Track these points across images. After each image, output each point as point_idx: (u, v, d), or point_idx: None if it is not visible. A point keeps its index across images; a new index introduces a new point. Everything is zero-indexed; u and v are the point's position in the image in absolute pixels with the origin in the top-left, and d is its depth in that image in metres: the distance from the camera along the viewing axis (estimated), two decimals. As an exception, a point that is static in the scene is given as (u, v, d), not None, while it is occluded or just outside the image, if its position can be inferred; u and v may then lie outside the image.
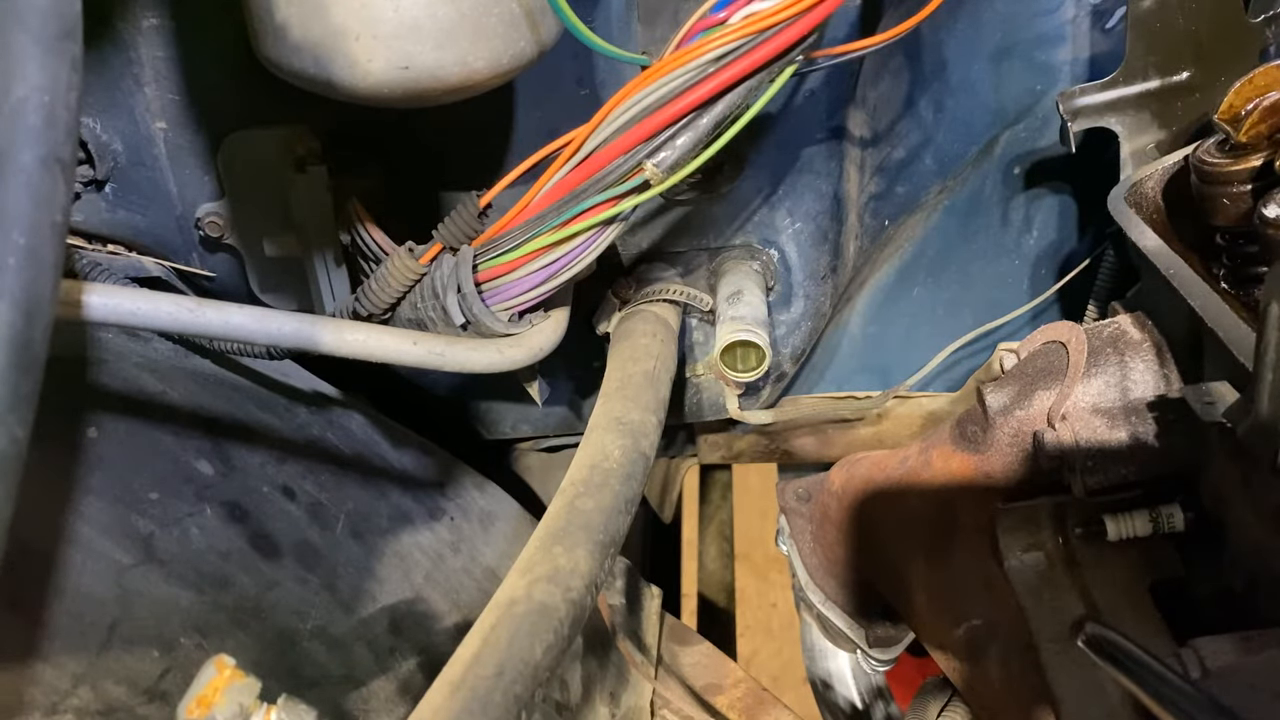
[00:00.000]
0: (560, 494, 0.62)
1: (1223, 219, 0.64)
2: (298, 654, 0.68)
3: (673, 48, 0.62)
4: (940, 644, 0.78)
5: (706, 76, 0.60)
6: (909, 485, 0.77)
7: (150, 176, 0.78)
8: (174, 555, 0.67)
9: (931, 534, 0.77)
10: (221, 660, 0.47)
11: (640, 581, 1.07)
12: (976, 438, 0.71)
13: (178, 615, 0.63)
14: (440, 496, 0.90)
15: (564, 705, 0.85)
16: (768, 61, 0.60)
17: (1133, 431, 0.64)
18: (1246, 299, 0.63)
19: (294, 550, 0.74)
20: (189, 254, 0.84)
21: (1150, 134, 0.80)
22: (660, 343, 0.81)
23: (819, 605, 0.92)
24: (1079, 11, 0.85)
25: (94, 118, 0.75)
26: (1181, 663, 0.50)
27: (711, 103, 0.61)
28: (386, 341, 0.70)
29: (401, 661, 0.74)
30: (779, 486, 0.94)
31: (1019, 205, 0.97)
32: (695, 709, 0.96)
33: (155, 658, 0.59)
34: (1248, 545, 0.59)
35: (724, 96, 0.61)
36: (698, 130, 0.62)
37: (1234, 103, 0.63)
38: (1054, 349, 0.69)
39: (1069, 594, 0.66)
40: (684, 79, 0.60)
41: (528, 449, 1.19)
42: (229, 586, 0.68)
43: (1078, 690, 0.62)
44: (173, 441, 0.73)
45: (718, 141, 0.63)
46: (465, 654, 0.49)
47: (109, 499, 0.66)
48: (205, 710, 0.46)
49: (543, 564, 0.54)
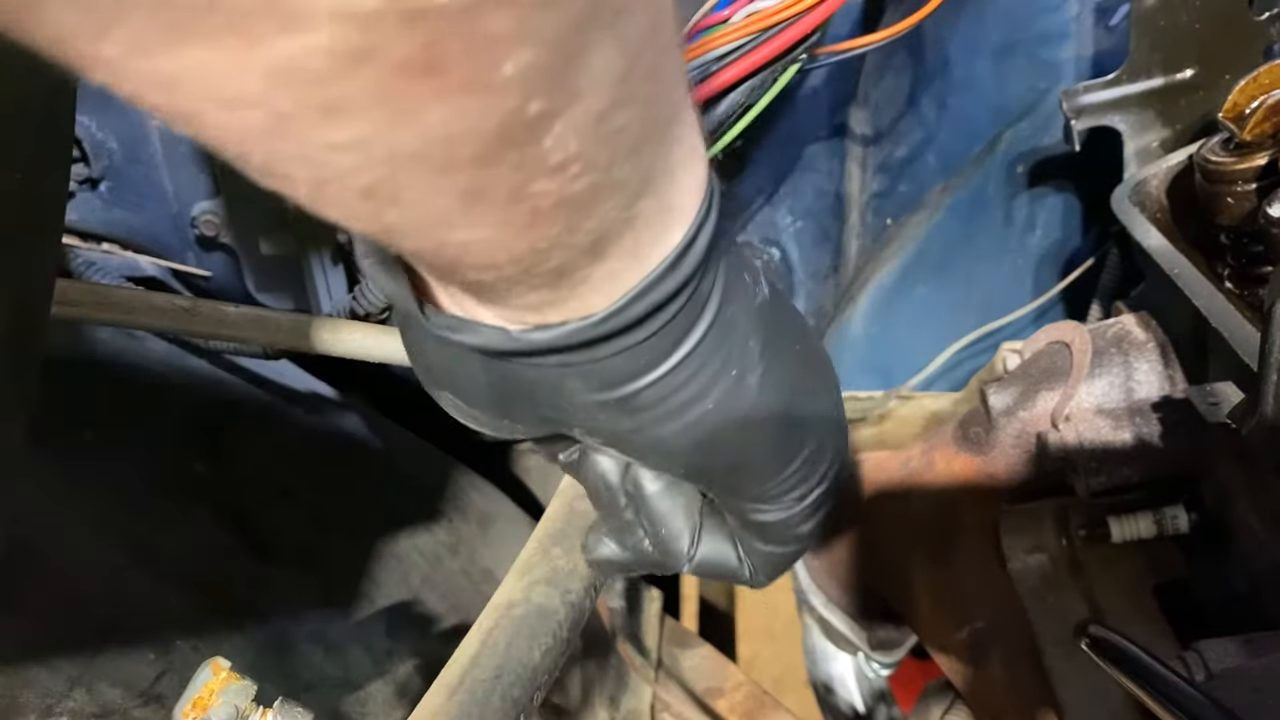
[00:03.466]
0: (559, 495, 0.61)
1: (1227, 218, 0.63)
2: (294, 656, 0.68)
3: (674, 45, 0.62)
4: (943, 646, 0.78)
5: (709, 75, 0.60)
6: (911, 486, 0.77)
7: (146, 175, 0.78)
8: (170, 557, 0.66)
9: (934, 535, 0.77)
10: (217, 663, 0.47)
11: (640, 584, 1.07)
12: (979, 438, 0.71)
13: (173, 617, 0.63)
14: (438, 498, 0.90)
15: (563, 708, 0.85)
16: (770, 60, 0.60)
17: (1137, 432, 0.63)
18: (1251, 298, 0.62)
19: (290, 552, 0.74)
20: (185, 253, 0.84)
21: (1154, 132, 0.79)
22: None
23: (821, 608, 0.91)
24: (1082, 9, 0.85)
25: (90, 115, 0.74)
26: (1185, 665, 0.50)
27: (714, 101, 0.61)
28: (383, 341, 0.69)
29: (399, 664, 0.73)
30: (780, 487, 0.94)
31: (1022, 204, 0.96)
32: (695, 712, 0.96)
33: (151, 660, 0.59)
34: (1252, 547, 0.58)
35: (727, 95, 0.61)
36: (699, 129, 0.61)
37: (1238, 101, 0.62)
38: (1058, 349, 0.69)
39: (1072, 596, 0.65)
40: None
41: (527, 450, 1.18)
42: (225, 588, 0.68)
43: (1081, 693, 0.61)
44: (168, 442, 0.72)
45: (721, 140, 0.62)
46: (463, 656, 0.49)
47: (105, 500, 0.65)
48: (201, 713, 0.46)
49: (541, 566, 0.54)
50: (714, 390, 0.39)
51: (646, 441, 0.40)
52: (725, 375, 0.39)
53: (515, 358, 0.36)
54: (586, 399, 0.38)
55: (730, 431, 0.40)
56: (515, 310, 0.34)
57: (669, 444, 0.40)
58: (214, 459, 0.74)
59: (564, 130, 0.26)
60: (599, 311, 0.34)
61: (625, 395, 0.37)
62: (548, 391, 0.38)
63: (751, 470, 0.44)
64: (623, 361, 0.36)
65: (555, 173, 0.27)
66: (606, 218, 0.31)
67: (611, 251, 0.32)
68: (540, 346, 0.35)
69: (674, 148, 0.32)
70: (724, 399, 0.39)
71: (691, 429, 0.39)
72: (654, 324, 0.35)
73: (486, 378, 0.39)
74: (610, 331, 0.35)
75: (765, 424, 0.41)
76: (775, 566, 0.51)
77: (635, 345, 0.36)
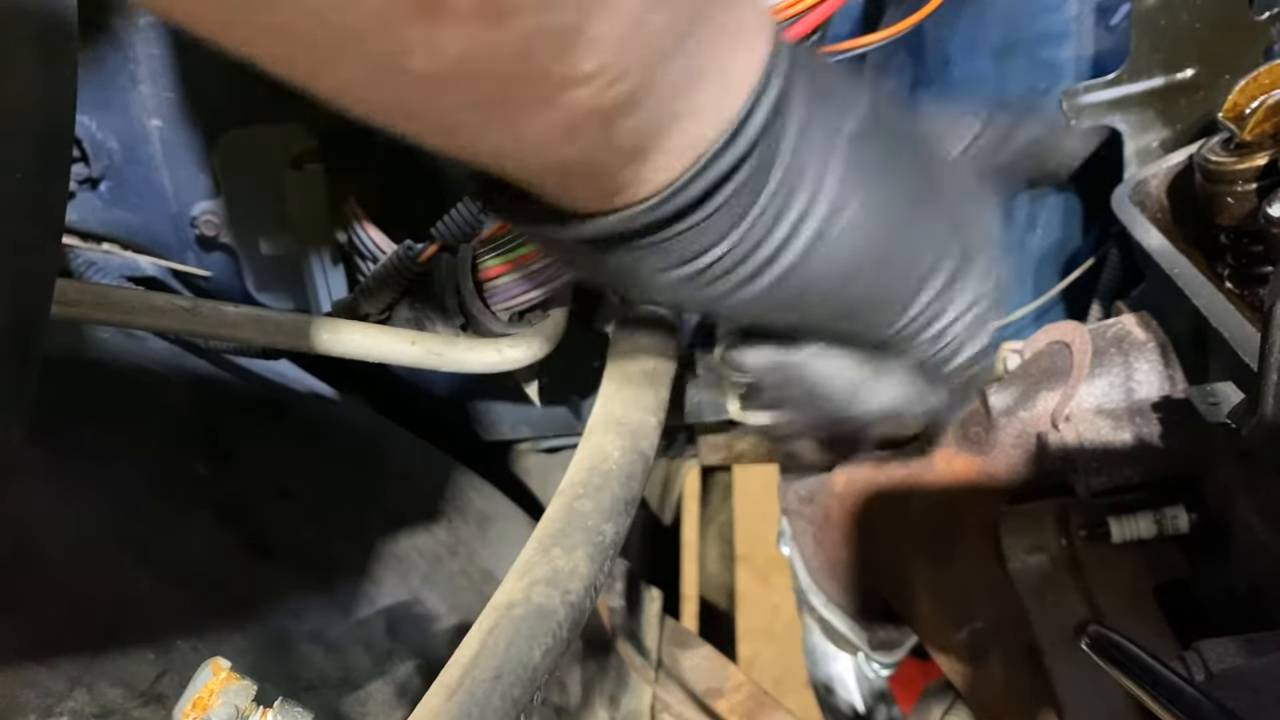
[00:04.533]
0: (559, 495, 0.61)
1: (1227, 218, 0.63)
2: (294, 657, 0.68)
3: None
4: (943, 646, 0.78)
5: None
6: (912, 487, 0.77)
7: (146, 175, 0.78)
8: (170, 557, 0.66)
9: (934, 536, 0.77)
10: (217, 663, 0.47)
11: (640, 584, 1.07)
12: (980, 439, 0.71)
13: (174, 617, 0.63)
14: (438, 498, 0.90)
15: (563, 708, 0.85)
16: (769, 59, 0.60)
17: (1137, 432, 0.63)
18: (1252, 298, 0.62)
19: (290, 552, 0.74)
20: (185, 253, 0.84)
21: (1154, 132, 0.79)
22: (660, 343, 0.81)
23: (821, 608, 0.91)
24: (1083, 9, 0.85)
25: (89, 115, 0.74)
26: (1185, 665, 0.50)
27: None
28: (384, 341, 0.69)
29: (399, 664, 0.73)
30: (781, 488, 0.94)
31: (1022, 203, 0.96)
32: (696, 712, 0.96)
33: (151, 660, 0.59)
34: (1252, 547, 0.58)
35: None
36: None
37: (1238, 101, 0.62)
38: (1058, 349, 0.69)
39: (1073, 596, 0.65)
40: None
41: (527, 450, 1.18)
42: (225, 588, 0.68)
43: (1081, 693, 0.61)
44: (168, 442, 0.72)
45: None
46: (463, 657, 0.49)
47: (104, 500, 0.65)
48: (201, 713, 0.46)
49: (541, 566, 0.54)
50: (795, 243, 0.37)
51: (737, 305, 0.39)
52: (807, 225, 0.37)
53: (592, 246, 0.36)
54: (667, 277, 0.37)
55: (829, 280, 0.38)
56: (577, 203, 0.35)
57: (763, 302, 0.39)
58: (214, 459, 0.74)
59: (596, 38, 0.26)
60: (653, 197, 0.33)
61: (701, 268, 0.37)
62: (630, 274, 0.38)
63: (870, 312, 0.41)
64: (692, 237, 0.36)
65: (588, 81, 0.27)
66: (651, 114, 0.30)
67: (661, 144, 0.32)
68: (602, 234, 0.35)
69: (722, 33, 0.32)
70: (810, 249, 0.37)
71: (780, 286, 0.38)
72: (716, 200, 0.34)
73: (601, 267, 0.39)
74: (668, 215, 0.34)
75: (869, 263, 0.39)
76: (956, 400, 0.47)
77: (701, 222, 0.35)
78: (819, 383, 0.46)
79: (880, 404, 0.47)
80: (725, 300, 0.39)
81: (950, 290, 0.42)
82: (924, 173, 0.41)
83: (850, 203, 0.37)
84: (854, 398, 0.46)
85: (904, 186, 0.39)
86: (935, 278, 0.41)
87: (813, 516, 0.90)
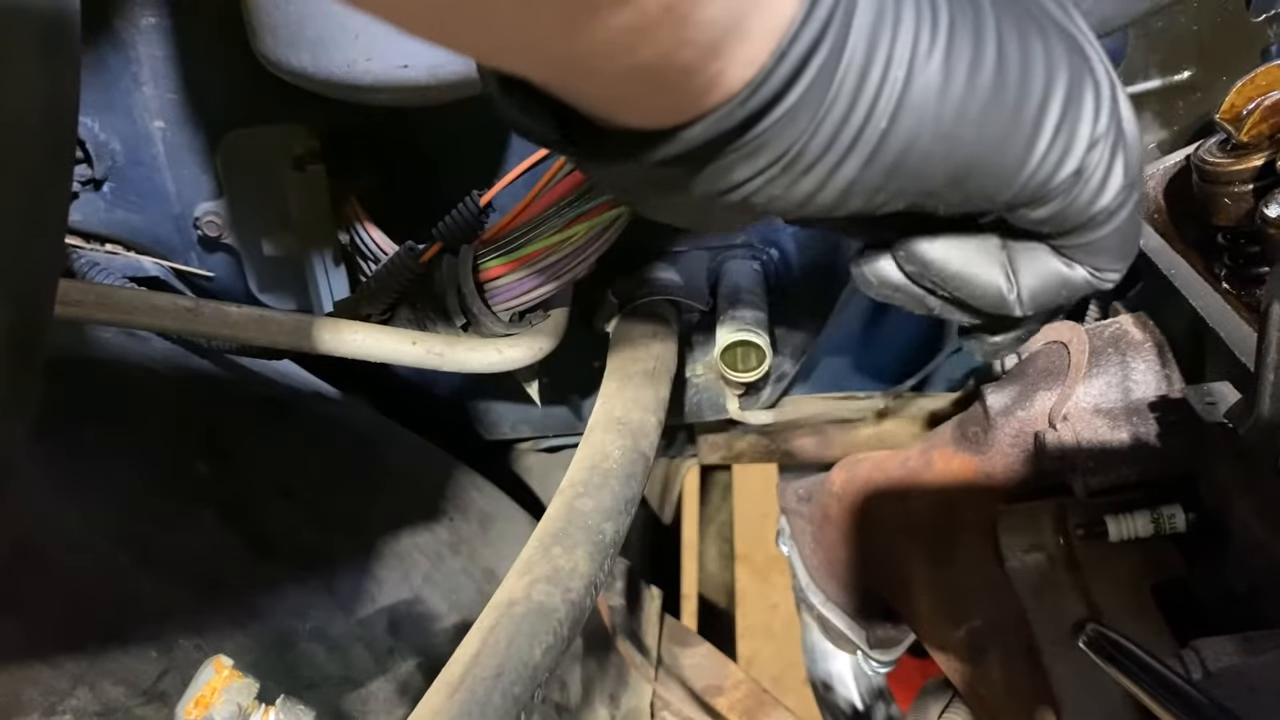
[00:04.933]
0: (559, 494, 0.62)
1: (1224, 219, 0.64)
2: (296, 655, 0.68)
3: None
4: (941, 645, 0.78)
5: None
6: (910, 486, 0.77)
7: (148, 175, 0.78)
8: (172, 555, 0.66)
9: (932, 535, 0.77)
10: (219, 661, 0.47)
11: (640, 582, 1.07)
12: (978, 438, 0.71)
13: (176, 616, 0.63)
14: (439, 497, 0.90)
15: (563, 706, 0.85)
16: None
17: (1134, 432, 0.63)
18: (1248, 299, 0.62)
19: (292, 550, 0.74)
20: (187, 253, 0.84)
21: (1151, 133, 0.80)
22: (660, 342, 0.81)
23: (820, 606, 0.92)
24: (1080, 10, 0.85)
25: (92, 117, 0.75)
26: (1183, 664, 0.50)
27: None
28: (385, 341, 0.70)
29: (400, 662, 0.74)
30: (780, 487, 0.94)
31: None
32: (695, 710, 0.96)
33: (153, 658, 0.59)
34: (1250, 546, 0.58)
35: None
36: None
37: (1235, 102, 0.62)
38: (1055, 349, 0.69)
39: (1070, 595, 0.65)
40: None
41: (527, 449, 1.18)
42: (227, 587, 0.68)
43: (1079, 691, 0.62)
44: (170, 441, 0.72)
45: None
46: (464, 655, 0.49)
47: (106, 499, 0.65)
48: (203, 711, 0.46)
49: (542, 565, 0.54)
50: (880, 104, 0.34)
51: (838, 194, 0.36)
52: (893, 72, 0.34)
53: (680, 166, 0.35)
54: (757, 184, 0.36)
55: (932, 132, 0.35)
56: (654, 118, 0.33)
57: (866, 183, 0.36)
58: (216, 458, 0.74)
59: None
60: (739, 93, 0.32)
61: (792, 159, 0.35)
62: (718, 193, 0.36)
63: (992, 164, 0.38)
64: (782, 127, 0.34)
65: None
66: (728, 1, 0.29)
67: (741, 30, 0.31)
68: (694, 145, 0.33)
69: None
70: (903, 100, 0.34)
71: (882, 150, 0.35)
72: (804, 79, 0.32)
73: (684, 195, 0.37)
74: (759, 108, 0.32)
75: (972, 106, 0.36)
76: (1116, 253, 0.42)
77: (791, 109, 0.33)
78: (968, 275, 0.42)
79: (1037, 283, 0.42)
80: (823, 193, 0.36)
81: (1075, 114, 0.38)
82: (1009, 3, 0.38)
83: (937, 41, 0.35)
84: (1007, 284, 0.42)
85: (990, 13, 0.37)
86: (1051, 104, 0.37)
87: (811, 515, 0.90)
